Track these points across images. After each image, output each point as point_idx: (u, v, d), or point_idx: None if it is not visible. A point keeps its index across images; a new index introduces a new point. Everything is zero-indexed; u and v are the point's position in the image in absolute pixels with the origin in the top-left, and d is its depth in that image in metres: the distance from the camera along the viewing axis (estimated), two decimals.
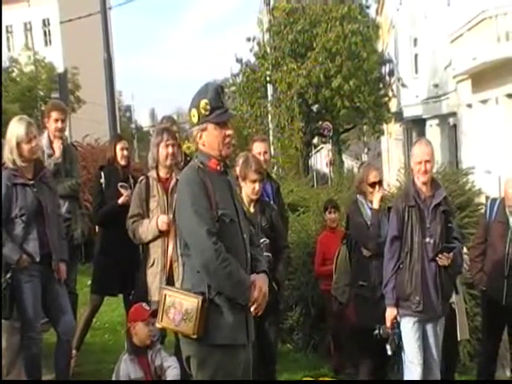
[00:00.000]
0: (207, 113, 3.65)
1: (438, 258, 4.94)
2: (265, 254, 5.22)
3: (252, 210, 5.41)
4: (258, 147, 6.19)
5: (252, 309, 3.68)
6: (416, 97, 27.55)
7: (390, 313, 5.01)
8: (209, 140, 3.70)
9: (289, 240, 6.33)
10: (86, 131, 15.86)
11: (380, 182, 5.62)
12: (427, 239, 4.97)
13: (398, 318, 5.01)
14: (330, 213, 6.82)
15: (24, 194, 5.08)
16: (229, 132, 3.71)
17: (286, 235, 6.05)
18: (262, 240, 5.27)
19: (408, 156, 29.53)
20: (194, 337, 3.58)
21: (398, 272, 5.00)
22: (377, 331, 5.09)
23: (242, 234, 3.75)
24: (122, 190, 6.06)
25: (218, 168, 3.74)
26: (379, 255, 5.25)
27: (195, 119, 3.70)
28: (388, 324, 5.01)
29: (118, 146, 6.33)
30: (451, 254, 4.94)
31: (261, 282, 3.70)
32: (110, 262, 6.15)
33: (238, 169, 5.57)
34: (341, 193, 8.99)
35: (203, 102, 3.64)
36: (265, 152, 6.18)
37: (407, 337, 4.99)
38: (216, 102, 3.65)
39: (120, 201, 6.06)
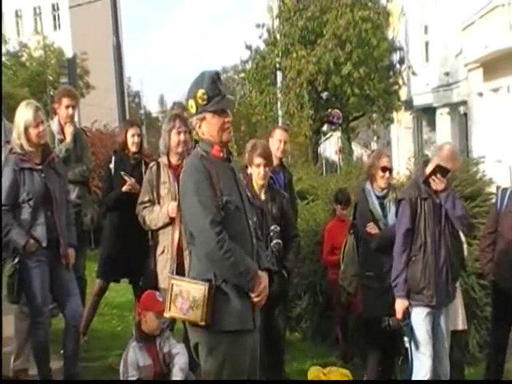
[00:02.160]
0: (205, 102, 3.67)
1: (431, 180, 4.93)
2: (275, 240, 5.21)
3: (263, 196, 5.39)
4: (279, 134, 6.23)
5: (254, 299, 3.68)
6: (426, 85, 27.37)
7: (402, 304, 4.97)
8: (208, 129, 3.73)
9: (298, 228, 6.32)
10: (95, 117, 15.83)
11: (390, 170, 5.60)
12: (440, 226, 4.96)
13: (409, 309, 4.98)
14: (342, 209, 6.73)
15: (31, 178, 5.07)
16: (227, 119, 3.73)
17: (295, 224, 6.03)
18: (272, 227, 5.26)
19: (418, 145, 29.47)
20: (203, 324, 3.61)
21: (410, 265, 4.97)
22: (386, 322, 5.07)
23: (247, 221, 3.77)
24: (126, 178, 6.05)
25: (221, 155, 3.76)
26: (387, 245, 5.23)
27: (193, 110, 3.72)
28: (399, 315, 4.98)
29: (129, 133, 6.29)
30: (445, 180, 4.91)
31: (262, 278, 3.71)
32: (117, 248, 6.17)
33: (246, 156, 5.55)
34: (350, 181, 8.95)
35: (200, 92, 3.66)
36: (285, 141, 6.22)
37: (418, 328, 4.96)
38: (213, 91, 3.67)
39: (123, 188, 6.06)
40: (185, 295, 3.65)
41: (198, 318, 3.60)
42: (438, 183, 4.93)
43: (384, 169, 5.54)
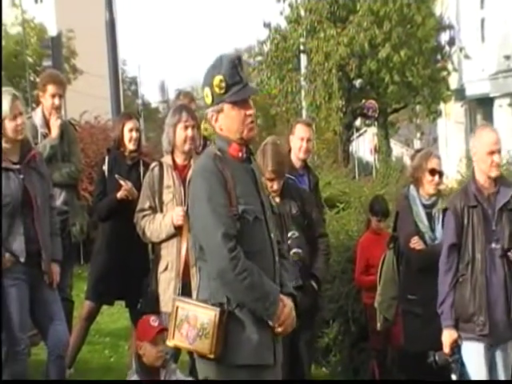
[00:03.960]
0: (222, 91, 3.69)
1: (510, 254, 4.92)
2: (294, 250, 5.22)
3: (277, 199, 5.41)
4: (301, 131, 6.23)
5: (278, 329, 3.68)
6: (482, 71, 27.29)
7: (449, 336, 4.97)
8: (226, 123, 3.74)
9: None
10: (84, 107, 15.95)
11: (440, 174, 5.61)
12: (493, 245, 4.95)
13: (459, 342, 4.97)
14: (378, 221, 6.75)
15: (7, 180, 5.11)
16: (249, 112, 3.74)
17: (322, 223, 5.98)
18: (290, 233, 5.27)
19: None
20: (212, 356, 3.61)
21: (457, 287, 4.97)
22: (432, 358, 5.06)
23: (269, 234, 3.78)
24: (121, 182, 6.10)
25: (240, 155, 3.76)
26: (434, 264, 5.24)
27: (209, 100, 3.74)
28: (446, 349, 4.97)
29: (127, 127, 6.30)
30: None
31: (287, 303, 3.73)
32: (110, 264, 6.20)
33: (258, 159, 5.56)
34: (388, 186, 8.96)
35: (217, 79, 3.68)
36: (308, 139, 6.23)
37: (472, 365, 4.95)
38: (232, 78, 3.69)
39: (118, 195, 6.10)
40: (192, 321, 3.65)
41: (207, 349, 3.60)
42: None
43: (433, 172, 5.56)
